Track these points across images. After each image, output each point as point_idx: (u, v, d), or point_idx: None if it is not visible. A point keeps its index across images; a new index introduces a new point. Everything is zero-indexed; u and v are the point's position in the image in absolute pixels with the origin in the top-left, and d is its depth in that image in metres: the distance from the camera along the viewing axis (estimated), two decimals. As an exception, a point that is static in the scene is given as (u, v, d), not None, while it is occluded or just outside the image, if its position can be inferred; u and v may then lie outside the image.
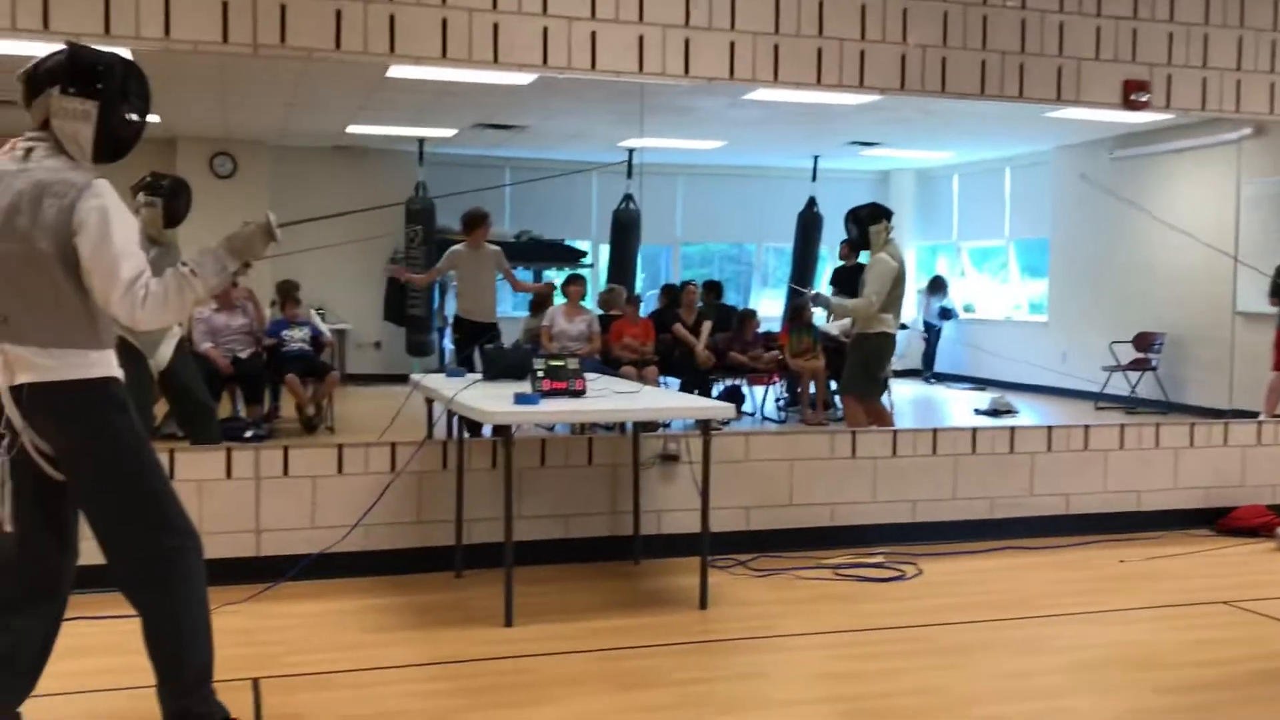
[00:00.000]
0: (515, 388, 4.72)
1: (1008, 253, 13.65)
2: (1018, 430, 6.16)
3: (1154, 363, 10.70)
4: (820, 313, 9.39)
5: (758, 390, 9.95)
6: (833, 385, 9.22)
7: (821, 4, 5.58)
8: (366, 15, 4.94)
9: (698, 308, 9.62)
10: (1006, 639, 4.33)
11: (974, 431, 6.08)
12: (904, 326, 9.60)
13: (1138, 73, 6.11)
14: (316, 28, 4.89)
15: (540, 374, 4.66)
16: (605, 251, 11.92)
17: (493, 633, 4.27)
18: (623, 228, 10.98)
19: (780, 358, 9.52)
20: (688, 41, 5.39)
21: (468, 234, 7.90)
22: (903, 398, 10.61)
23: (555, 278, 11.70)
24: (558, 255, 12.62)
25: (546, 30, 5.18)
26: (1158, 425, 6.42)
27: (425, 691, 3.67)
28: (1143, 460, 6.26)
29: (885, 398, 7.12)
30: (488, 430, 5.20)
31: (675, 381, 9.21)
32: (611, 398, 4.81)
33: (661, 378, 8.86)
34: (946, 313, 13.42)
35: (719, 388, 9.45)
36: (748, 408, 9.77)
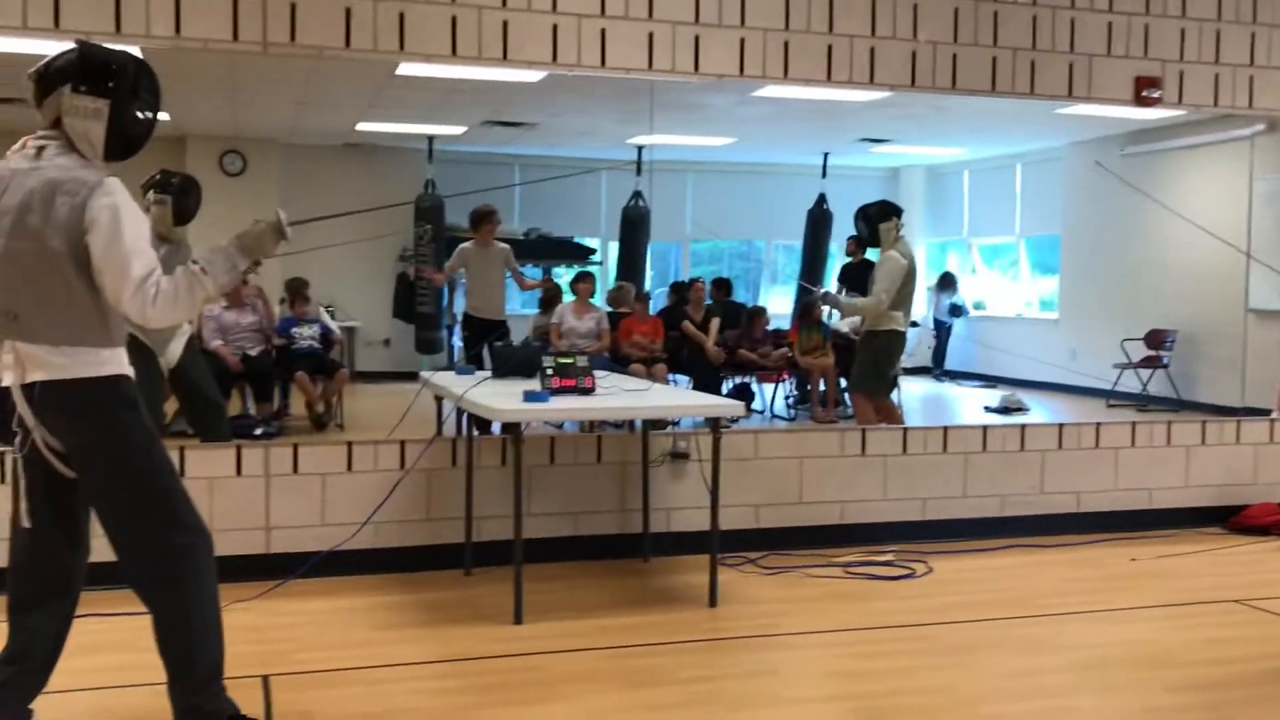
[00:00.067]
0: (524, 385, 4.73)
1: (1018, 249, 13.61)
2: (1028, 428, 6.15)
3: (1165, 360, 10.65)
4: (830, 310, 9.40)
5: (767, 388, 9.93)
6: (843, 383, 9.21)
7: (831, 1, 5.57)
8: (376, 13, 4.94)
9: (706, 305, 9.61)
10: (1016, 637, 4.32)
11: (984, 429, 6.06)
12: (914, 324, 9.59)
13: (1149, 69, 6.08)
14: (326, 26, 4.89)
15: (549, 371, 4.66)
16: (614, 249, 11.92)
17: (502, 630, 4.27)
18: (632, 225, 10.98)
19: (790, 355, 9.51)
20: (697, 38, 5.39)
21: (475, 231, 7.91)
22: (912, 395, 10.58)
23: (564, 275, 11.73)
24: (567, 252, 12.61)
25: (556, 27, 5.18)
26: (1169, 423, 6.39)
27: (435, 689, 3.68)
28: (1154, 458, 6.24)
29: (894, 395, 7.11)
30: (497, 428, 5.20)
31: (684, 379, 9.21)
32: (621, 395, 4.80)
33: (671, 375, 8.85)
34: (957, 310, 13.38)
35: (728, 385, 9.45)
36: (757, 405, 9.76)
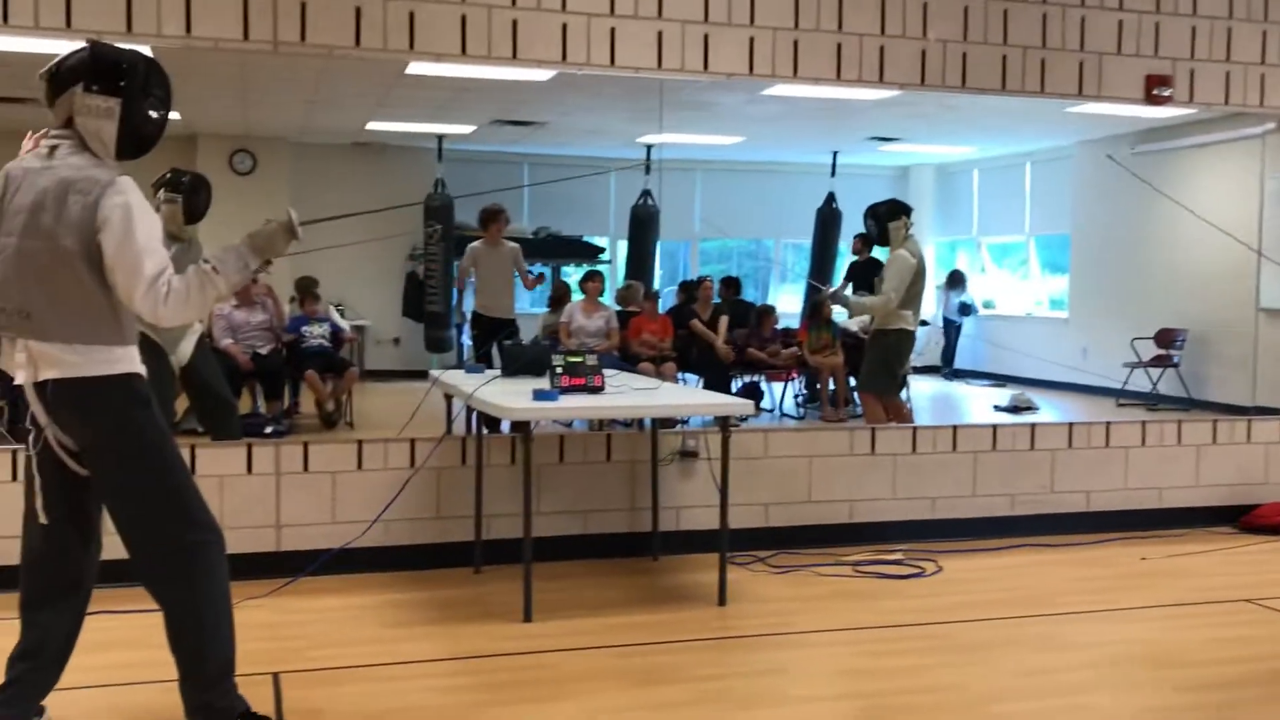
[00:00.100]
0: (534, 384, 4.74)
1: (1028, 248, 13.58)
2: (1038, 427, 6.13)
3: (1176, 359, 10.62)
4: (839, 309, 9.39)
5: (776, 387, 9.93)
6: (852, 382, 9.21)
7: (841, -1, 5.57)
8: (386, 12, 4.96)
9: (714, 303, 9.60)
10: (1026, 636, 4.31)
11: (994, 428, 6.06)
12: (924, 323, 9.57)
13: (1160, 67, 6.07)
14: (336, 25, 4.91)
15: (559, 370, 4.66)
16: (623, 247, 11.92)
17: (512, 628, 4.28)
18: (641, 224, 10.97)
19: (799, 354, 9.50)
20: (707, 37, 5.38)
21: (484, 230, 7.92)
22: (922, 394, 10.58)
23: (573, 274, 11.73)
24: (576, 251, 12.62)
25: (565, 26, 5.18)
26: (1180, 422, 6.37)
27: (445, 686, 3.68)
28: (1164, 457, 6.23)
29: (904, 394, 7.10)
30: (506, 426, 5.21)
31: (693, 378, 9.20)
32: (630, 394, 4.81)
33: (680, 374, 8.85)
34: (966, 308, 13.36)
35: (737, 384, 9.44)
36: (766, 404, 9.76)
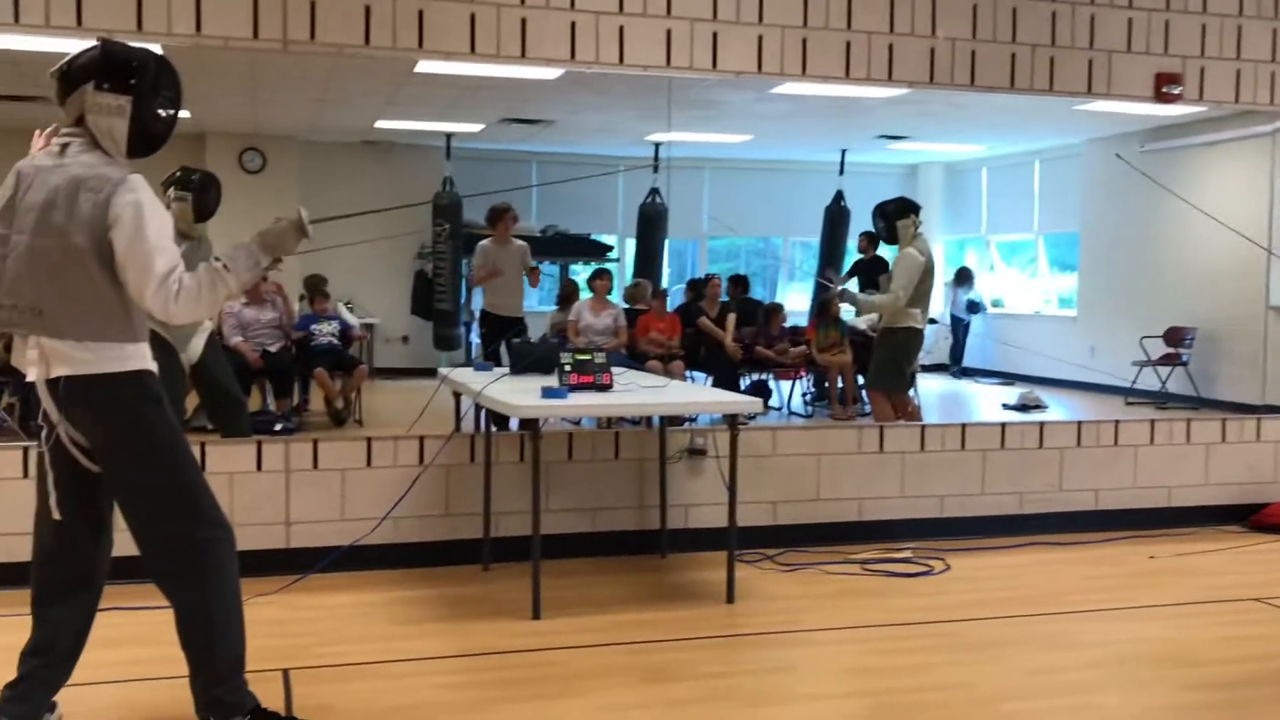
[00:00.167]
0: (542, 381, 4.75)
1: (1037, 247, 13.56)
2: (1047, 425, 6.13)
3: (1185, 358, 10.59)
4: (847, 307, 9.38)
5: (784, 385, 9.93)
6: (860, 380, 9.20)
7: (850, -3, 5.57)
8: (395, 11, 4.96)
9: (722, 301, 9.61)
10: (1035, 634, 4.31)
11: (1003, 426, 6.05)
12: (933, 321, 9.56)
13: (1170, 65, 6.05)
14: (346, 23, 4.91)
15: (567, 368, 4.67)
16: (631, 246, 11.92)
17: (520, 625, 4.29)
18: (649, 222, 10.98)
19: (807, 352, 9.50)
20: (715, 35, 5.38)
21: (492, 228, 7.93)
22: (930, 392, 10.56)
23: (581, 272, 11.74)
24: (584, 250, 12.62)
25: (574, 25, 5.18)
26: (1189, 420, 6.36)
27: (453, 683, 3.69)
28: (1173, 456, 6.21)
29: (912, 393, 7.09)
30: (515, 424, 5.22)
31: (701, 376, 9.21)
32: (638, 392, 4.81)
33: (688, 372, 8.86)
34: (974, 306, 13.34)
35: (745, 382, 9.45)
36: (774, 402, 9.76)
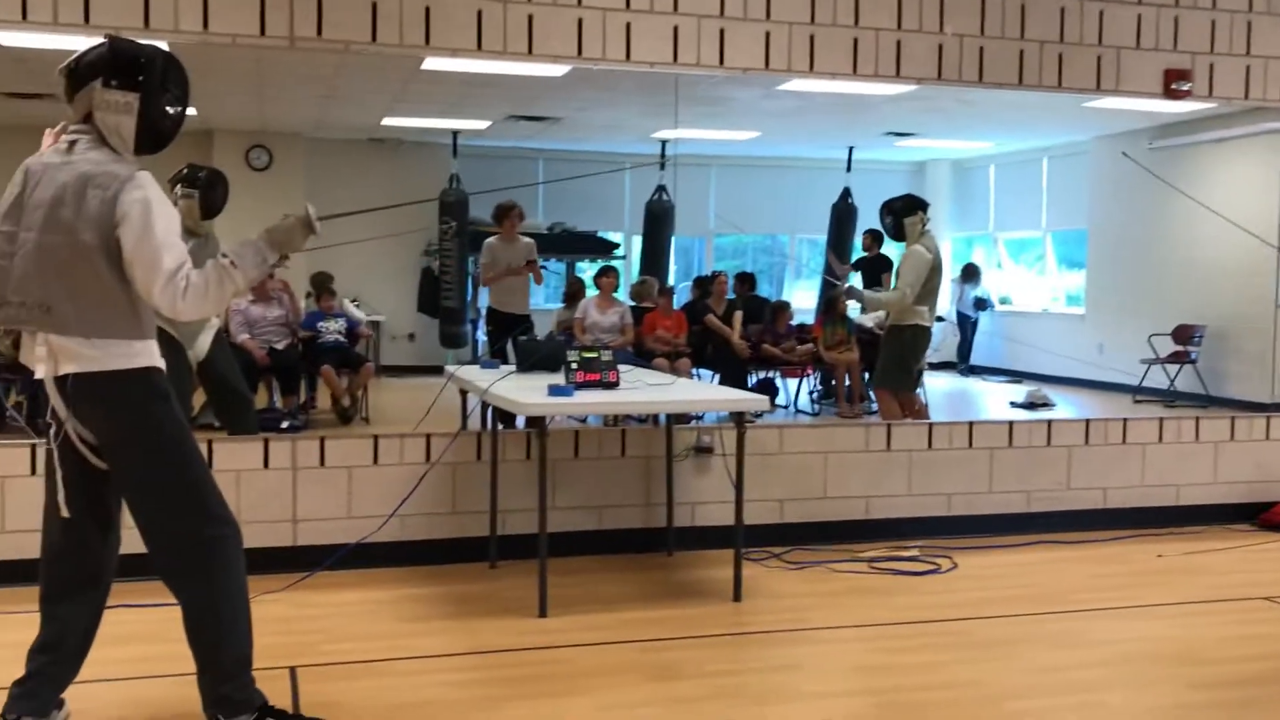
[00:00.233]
0: (549, 379, 4.74)
1: (1045, 244, 13.53)
2: (1054, 423, 6.11)
3: (1193, 355, 10.57)
4: (854, 305, 9.36)
5: (791, 383, 9.92)
6: (867, 378, 9.19)
7: (857, -7, 5.55)
8: (402, 7, 4.96)
9: (729, 299, 9.60)
10: (1042, 633, 4.30)
11: (1010, 424, 6.03)
12: (940, 319, 9.54)
13: (1179, 61, 6.03)
14: (353, 20, 4.91)
15: (574, 365, 4.66)
16: (638, 243, 11.92)
17: (527, 623, 4.29)
18: (655, 219, 10.97)
19: (814, 350, 9.49)
20: (722, 32, 5.37)
21: (499, 225, 7.94)
22: (937, 390, 10.55)
23: (588, 270, 11.74)
24: (590, 247, 12.63)
25: (581, 21, 5.18)
26: (1197, 419, 6.34)
27: (461, 681, 3.69)
28: (1182, 454, 6.19)
29: (919, 390, 7.08)
30: (521, 422, 5.22)
31: (707, 374, 9.20)
32: (645, 390, 4.80)
33: (694, 370, 8.85)
34: (982, 303, 13.31)
35: (751, 380, 9.44)
36: (781, 400, 9.75)
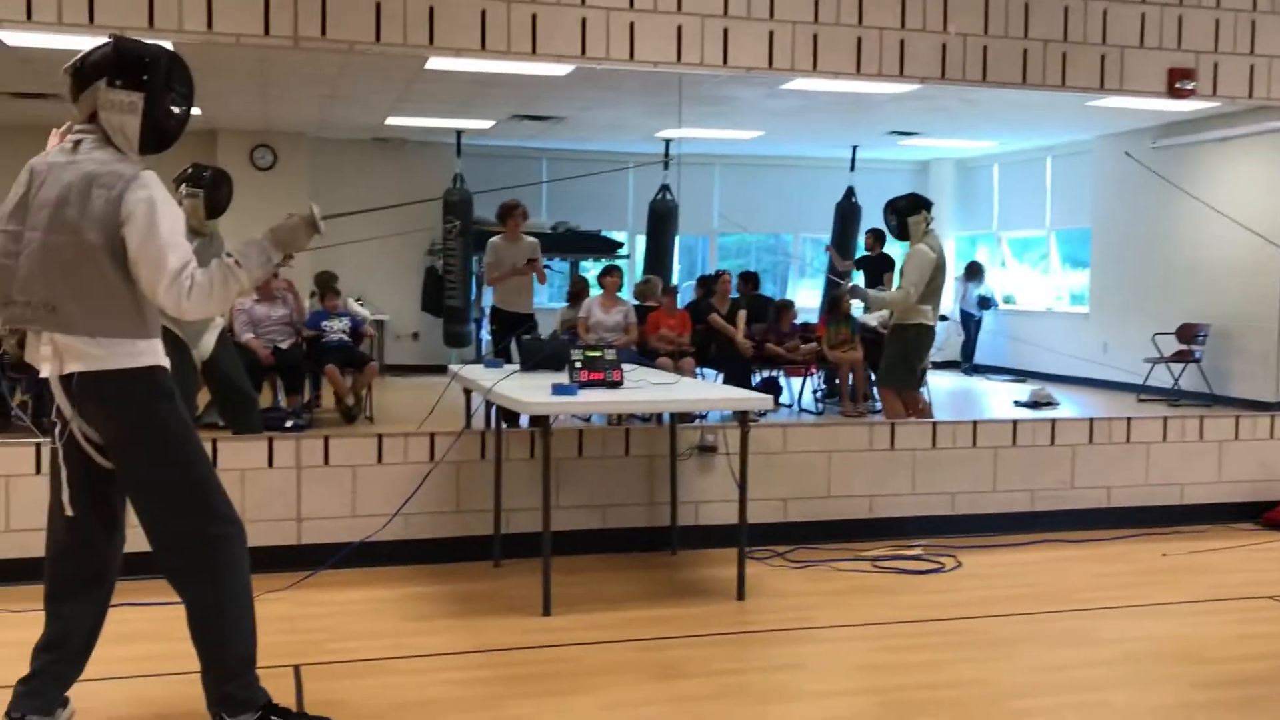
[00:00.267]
0: (553, 378, 4.74)
1: (1048, 243, 13.52)
2: (1058, 422, 6.10)
3: (1197, 354, 10.55)
4: (857, 304, 9.37)
5: (795, 382, 9.92)
6: (871, 377, 9.19)
7: (861, -8, 5.55)
8: (406, 7, 4.96)
9: (732, 298, 9.59)
10: (1046, 632, 4.30)
11: (1014, 423, 6.03)
12: (944, 318, 9.53)
13: (1183, 60, 6.02)
14: (357, 20, 4.92)
15: (578, 364, 4.67)
16: (641, 242, 11.93)
17: (531, 622, 4.29)
18: (659, 218, 10.98)
19: (818, 349, 9.49)
20: (726, 31, 5.37)
21: (503, 224, 7.94)
22: (941, 389, 10.54)
23: (592, 269, 11.74)
24: (594, 246, 12.63)
25: (585, 21, 5.18)
26: (1201, 418, 6.33)
27: (465, 679, 3.70)
28: (1186, 453, 6.19)
29: (923, 389, 7.07)
30: (525, 421, 5.22)
31: (710, 373, 9.19)
32: (649, 389, 4.81)
33: (698, 369, 8.85)
34: (985, 302, 13.30)
35: (755, 379, 9.43)
36: (785, 399, 9.75)
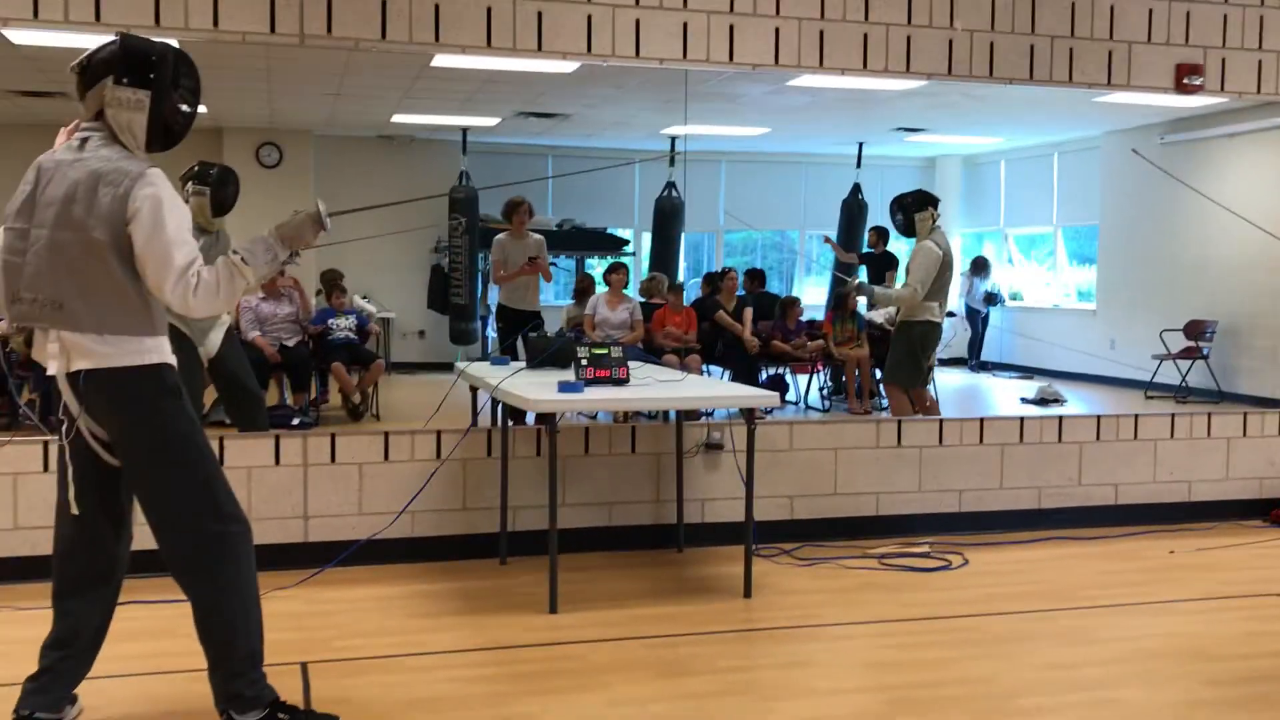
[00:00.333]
0: (559, 376, 4.74)
1: (1055, 240, 13.49)
2: (1066, 419, 6.09)
3: (1205, 351, 10.53)
4: (864, 301, 9.35)
5: (801, 379, 9.91)
6: (877, 374, 9.17)
7: (867, -11, 5.54)
8: (411, 4, 4.96)
9: (739, 295, 9.59)
10: (1054, 629, 4.29)
11: (1021, 420, 6.02)
12: (951, 314, 9.51)
13: (1191, 55, 6.00)
14: (362, 18, 4.92)
15: (584, 362, 4.66)
16: (647, 239, 11.93)
17: (538, 619, 4.29)
18: (665, 216, 10.98)
19: (824, 346, 9.48)
20: (732, 28, 5.36)
21: (508, 222, 7.95)
22: (948, 386, 10.52)
23: (597, 266, 11.74)
24: (600, 244, 12.63)
25: (590, 18, 5.17)
26: (1209, 414, 6.31)
27: (471, 677, 3.70)
28: (1194, 450, 6.17)
29: (930, 387, 7.06)
30: (531, 418, 5.22)
31: (717, 370, 9.19)
32: (655, 386, 4.80)
33: (704, 366, 8.84)
34: (992, 298, 13.28)
35: (761, 376, 9.42)
36: (791, 396, 9.74)
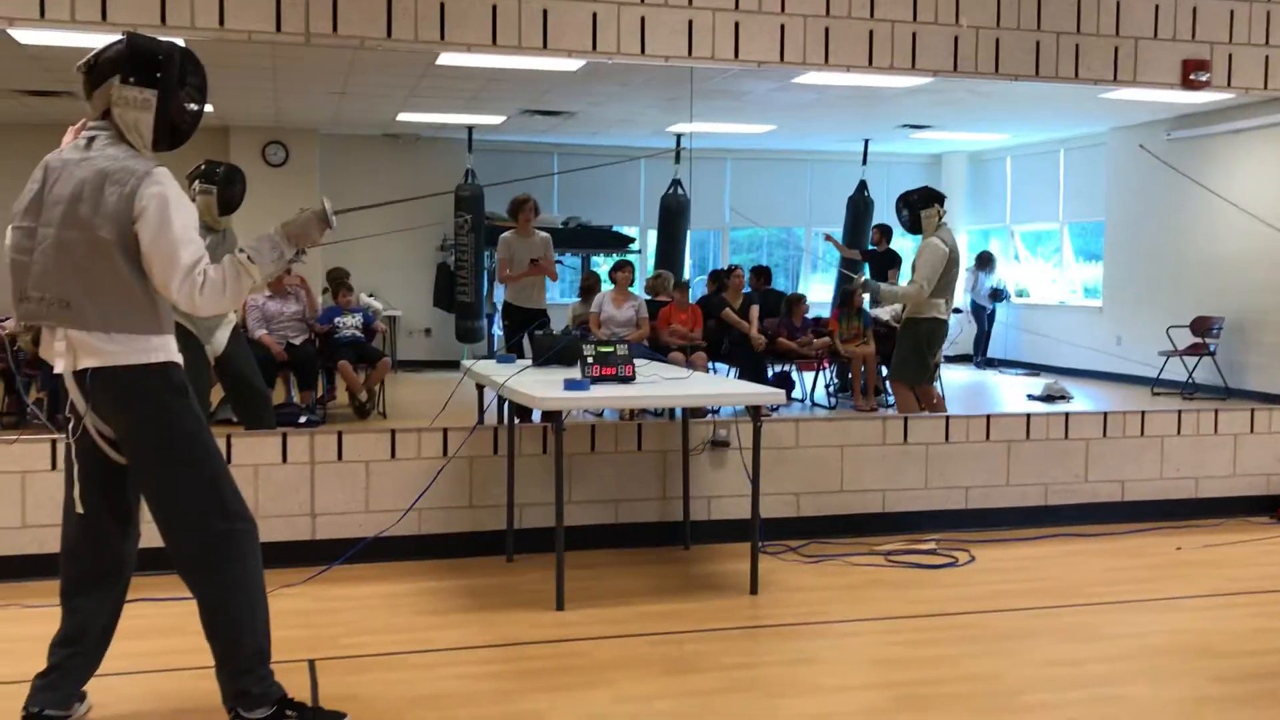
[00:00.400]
0: (565, 373, 4.75)
1: (1061, 236, 13.47)
2: (1072, 416, 6.08)
3: (1212, 347, 10.50)
4: (868, 298, 9.34)
5: (807, 376, 9.91)
6: (884, 371, 9.17)
7: (872, -15, 5.53)
8: (417, 3, 4.97)
9: (745, 292, 9.59)
10: (1060, 626, 4.28)
11: (1028, 417, 6.01)
12: (957, 310, 9.51)
13: (1197, 51, 5.99)
14: (368, 16, 4.92)
15: (590, 360, 4.67)
16: (653, 237, 11.92)
17: (544, 616, 4.30)
18: (671, 213, 10.98)
19: (830, 343, 9.47)
20: (737, 25, 5.36)
21: (514, 219, 7.95)
22: (954, 383, 10.52)
23: (603, 264, 11.74)
24: (606, 241, 12.63)
25: (596, 15, 5.18)
26: (1216, 411, 6.30)
27: (479, 673, 3.71)
28: (1201, 446, 6.16)
29: (936, 384, 7.06)
30: (538, 416, 5.23)
31: (723, 368, 9.19)
32: (661, 384, 4.81)
33: (710, 364, 8.84)
34: (998, 294, 13.26)
35: (768, 374, 9.42)
36: (797, 394, 9.74)
